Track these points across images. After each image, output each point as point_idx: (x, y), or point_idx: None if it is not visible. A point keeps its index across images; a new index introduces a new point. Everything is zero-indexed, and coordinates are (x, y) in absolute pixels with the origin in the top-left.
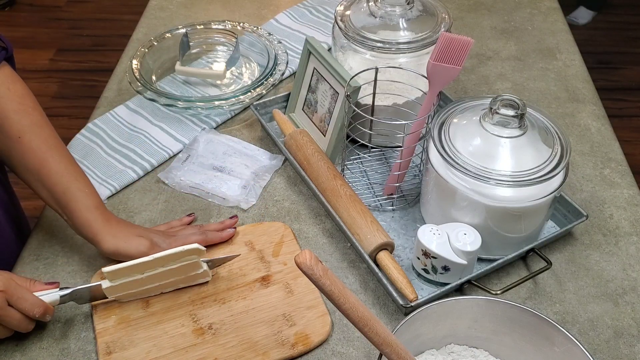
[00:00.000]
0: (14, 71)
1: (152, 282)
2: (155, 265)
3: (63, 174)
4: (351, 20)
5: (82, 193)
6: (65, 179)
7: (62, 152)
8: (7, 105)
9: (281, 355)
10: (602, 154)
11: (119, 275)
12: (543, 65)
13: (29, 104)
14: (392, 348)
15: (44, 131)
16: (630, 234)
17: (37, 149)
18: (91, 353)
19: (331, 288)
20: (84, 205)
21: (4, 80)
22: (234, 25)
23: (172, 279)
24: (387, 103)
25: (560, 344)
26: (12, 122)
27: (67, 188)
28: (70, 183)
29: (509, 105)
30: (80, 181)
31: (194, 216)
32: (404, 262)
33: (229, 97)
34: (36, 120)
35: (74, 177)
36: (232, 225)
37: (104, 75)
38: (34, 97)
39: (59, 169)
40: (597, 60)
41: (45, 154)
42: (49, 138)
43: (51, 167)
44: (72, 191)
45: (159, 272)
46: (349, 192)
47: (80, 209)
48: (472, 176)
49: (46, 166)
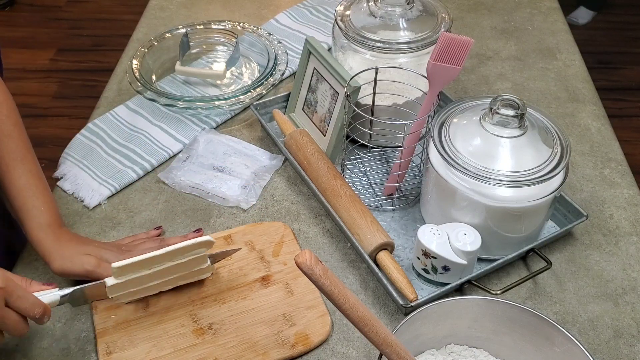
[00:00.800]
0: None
1: (158, 278)
2: (164, 260)
3: (22, 189)
4: (351, 20)
5: (37, 210)
6: (24, 194)
7: (27, 165)
8: None
9: (281, 355)
10: (602, 154)
11: (127, 271)
12: (543, 65)
13: (4, 113)
14: (392, 348)
15: (12, 142)
16: (630, 234)
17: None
18: (91, 353)
19: (331, 288)
20: (37, 223)
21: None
22: (234, 25)
23: (176, 275)
24: (387, 103)
25: (560, 344)
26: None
27: (24, 204)
28: (27, 199)
29: (509, 105)
30: (38, 198)
31: (162, 229)
32: (404, 262)
33: (229, 97)
34: (7, 130)
35: (32, 193)
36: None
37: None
38: (12, 104)
39: (19, 184)
40: (597, 60)
41: (8, 166)
42: (16, 149)
43: (12, 180)
44: (27, 208)
45: (166, 267)
46: (349, 192)
47: (33, 227)
48: (472, 176)
49: (8, 178)
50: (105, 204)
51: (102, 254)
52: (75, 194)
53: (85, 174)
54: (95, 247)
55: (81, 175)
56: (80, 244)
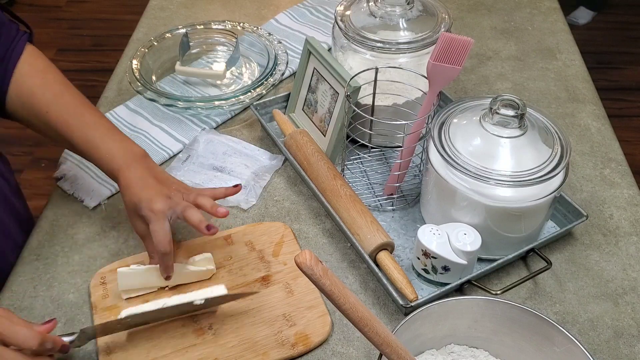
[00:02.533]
0: (35, 47)
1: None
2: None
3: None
4: (351, 20)
5: (102, 162)
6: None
7: (83, 119)
8: (30, 82)
9: (281, 355)
10: (602, 154)
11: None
12: (543, 65)
13: (50, 77)
14: (392, 348)
15: (65, 101)
16: (630, 234)
17: (61, 120)
18: (91, 353)
19: (331, 288)
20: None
21: (27, 58)
22: (234, 25)
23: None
24: (387, 103)
25: (560, 344)
26: (38, 98)
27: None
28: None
29: (509, 105)
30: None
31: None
32: (404, 262)
33: (229, 97)
34: (58, 92)
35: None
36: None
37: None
38: (55, 69)
39: (80, 139)
40: (597, 60)
41: (68, 123)
42: (69, 106)
43: (75, 137)
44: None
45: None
46: (349, 192)
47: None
48: (472, 176)
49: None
50: (105, 204)
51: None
52: (75, 194)
53: (85, 174)
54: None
55: (81, 175)
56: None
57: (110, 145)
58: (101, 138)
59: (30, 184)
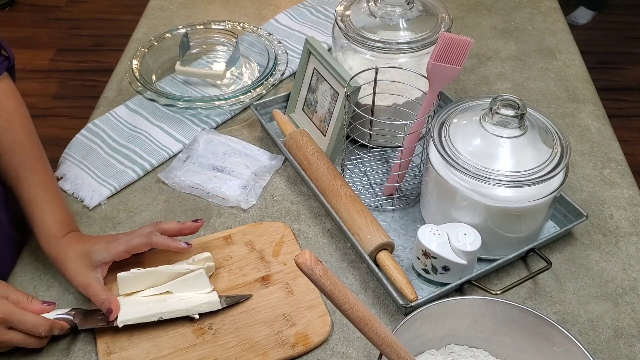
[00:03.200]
0: (12, 83)
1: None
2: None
3: (31, 200)
4: (351, 20)
5: (43, 223)
6: (32, 205)
7: (37, 176)
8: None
9: (281, 355)
10: (602, 154)
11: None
12: (543, 65)
13: (17, 122)
14: (392, 348)
15: (24, 151)
16: (630, 234)
17: (13, 169)
18: (91, 353)
19: (331, 288)
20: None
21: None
22: (234, 25)
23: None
24: (387, 103)
25: (560, 344)
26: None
27: (32, 216)
28: (35, 211)
29: (509, 105)
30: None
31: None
32: (404, 262)
33: (229, 97)
34: (19, 139)
35: (39, 205)
36: (193, 230)
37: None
38: (25, 112)
39: (28, 195)
40: (597, 60)
41: (19, 177)
42: (27, 160)
43: (22, 191)
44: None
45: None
46: (349, 192)
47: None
48: (472, 176)
49: (19, 189)
50: (105, 204)
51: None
52: (75, 194)
53: (85, 174)
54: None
55: (81, 175)
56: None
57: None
58: (48, 201)
59: None
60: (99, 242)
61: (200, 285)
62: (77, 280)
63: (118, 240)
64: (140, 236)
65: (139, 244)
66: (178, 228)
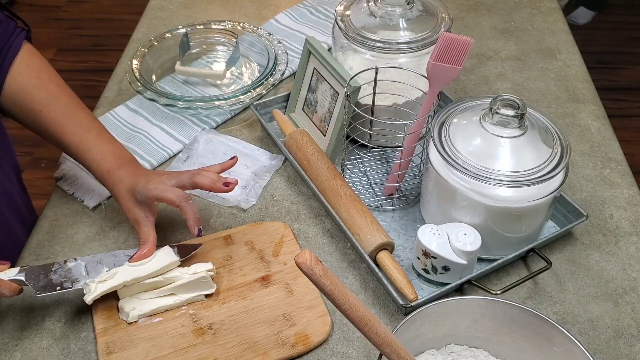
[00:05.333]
0: (33, 47)
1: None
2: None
3: (77, 144)
4: (351, 20)
5: (94, 163)
6: (80, 148)
7: (77, 120)
8: (26, 80)
9: (281, 355)
10: (602, 154)
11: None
12: (543, 65)
13: (45, 77)
14: (392, 348)
15: (60, 102)
16: (630, 234)
17: (55, 121)
18: (91, 353)
19: (331, 288)
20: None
21: (23, 56)
22: (234, 25)
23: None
24: (387, 103)
25: (560, 344)
26: (32, 97)
27: (83, 160)
28: (85, 153)
29: (509, 105)
30: (91, 149)
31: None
32: (404, 262)
33: (229, 97)
34: (53, 93)
35: (86, 147)
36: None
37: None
38: (50, 69)
39: (74, 140)
40: (597, 60)
41: (62, 126)
42: (64, 109)
43: (68, 140)
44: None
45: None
46: (349, 192)
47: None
48: (472, 176)
49: (64, 138)
50: (105, 204)
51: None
52: (75, 194)
53: (86, 174)
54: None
55: (81, 175)
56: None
57: (101, 147)
58: (93, 141)
59: (30, 184)
60: (142, 180)
61: (204, 287)
62: (127, 215)
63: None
64: (184, 177)
65: (183, 183)
66: (220, 168)
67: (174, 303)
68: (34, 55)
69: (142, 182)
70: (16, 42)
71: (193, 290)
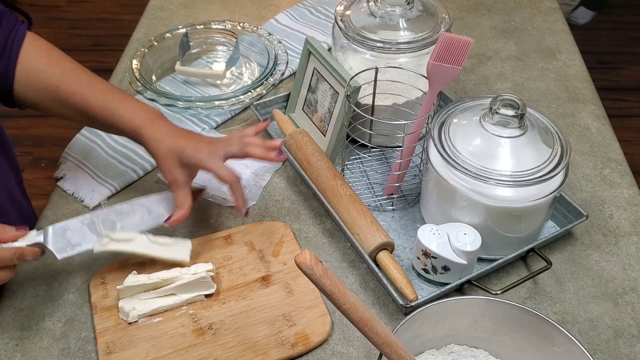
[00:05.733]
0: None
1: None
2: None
3: (102, 109)
4: (351, 20)
5: (122, 122)
6: (106, 113)
7: (98, 86)
8: (37, 60)
9: (281, 355)
10: (602, 154)
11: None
12: (543, 65)
13: (56, 55)
14: (392, 348)
15: (75, 74)
16: (630, 234)
17: (74, 92)
18: (91, 353)
19: (331, 288)
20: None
21: (30, 41)
22: (234, 25)
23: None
24: (387, 103)
25: (560, 344)
26: (47, 75)
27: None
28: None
29: (509, 105)
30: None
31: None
32: (404, 262)
33: (229, 97)
34: (67, 67)
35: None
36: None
37: (104, 75)
38: (58, 49)
39: (98, 106)
40: (597, 60)
41: (83, 95)
42: (81, 79)
43: (91, 107)
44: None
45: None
46: (349, 192)
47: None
48: (472, 176)
49: (87, 106)
50: (105, 204)
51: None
52: (75, 194)
53: (85, 174)
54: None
55: (81, 175)
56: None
57: (128, 105)
58: (118, 101)
59: (30, 184)
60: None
61: (204, 287)
62: (167, 176)
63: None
64: (236, 145)
65: (233, 153)
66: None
67: (174, 303)
68: (39, 39)
69: (190, 148)
70: (20, 31)
71: (193, 290)
